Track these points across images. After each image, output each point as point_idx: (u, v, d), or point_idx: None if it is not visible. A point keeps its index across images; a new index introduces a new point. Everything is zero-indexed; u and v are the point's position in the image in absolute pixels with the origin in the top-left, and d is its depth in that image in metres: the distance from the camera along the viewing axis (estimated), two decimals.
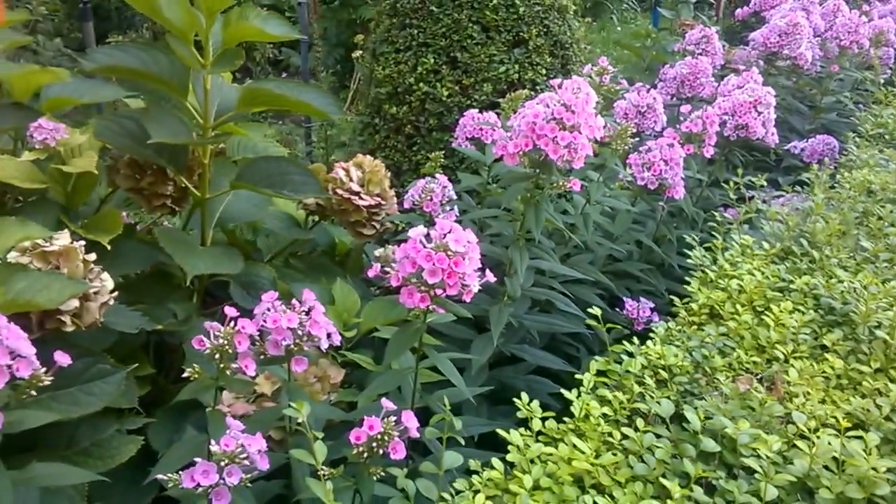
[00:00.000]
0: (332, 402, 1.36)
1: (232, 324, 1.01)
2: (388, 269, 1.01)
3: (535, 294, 1.43)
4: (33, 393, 0.80)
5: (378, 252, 1.79)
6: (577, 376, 0.97)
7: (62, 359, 0.82)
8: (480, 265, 0.98)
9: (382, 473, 1.01)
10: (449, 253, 0.94)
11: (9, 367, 0.76)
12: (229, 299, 1.63)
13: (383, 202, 1.64)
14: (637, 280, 1.82)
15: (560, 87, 1.21)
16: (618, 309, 1.69)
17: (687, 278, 1.87)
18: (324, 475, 0.91)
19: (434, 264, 0.94)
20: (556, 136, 1.18)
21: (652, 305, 1.63)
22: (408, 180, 2.05)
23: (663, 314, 1.71)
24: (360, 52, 3.10)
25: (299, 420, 0.84)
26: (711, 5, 4.46)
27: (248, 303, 1.45)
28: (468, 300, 0.99)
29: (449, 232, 0.95)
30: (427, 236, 0.99)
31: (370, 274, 1.04)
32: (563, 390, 0.96)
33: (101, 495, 1.22)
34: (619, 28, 5.30)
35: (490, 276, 1.02)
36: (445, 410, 1.14)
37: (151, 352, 1.52)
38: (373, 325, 1.45)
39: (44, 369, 0.80)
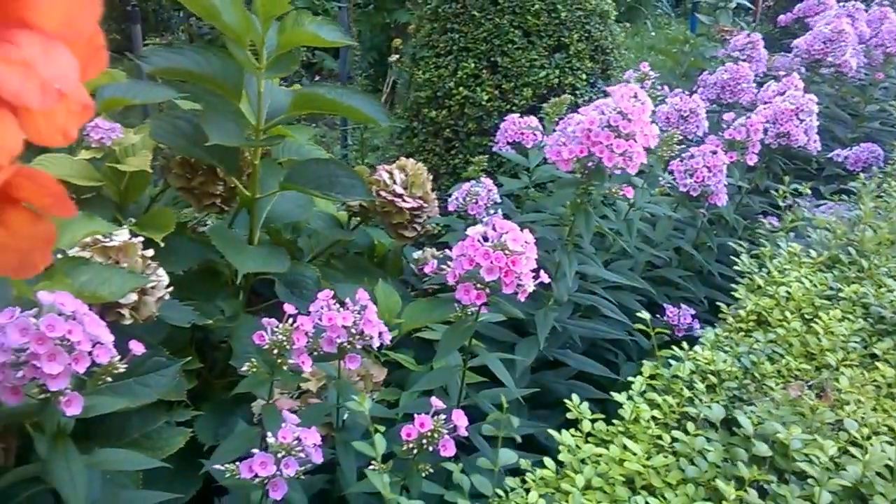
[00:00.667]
0: (375, 400, 1.38)
1: (290, 321, 1.04)
2: (444, 266, 1.03)
3: (579, 299, 1.44)
4: (108, 379, 0.83)
5: (417, 254, 1.81)
6: (628, 380, 0.98)
7: (136, 348, 0.85)
8: (536, 266, 1.00)
9: (431, 470, 1.03)
10: (507, 252, 0.96)
11: (89, 353, 0.79)
12: (273, 297, 1.66)
13: (425, 205, 1.66)
14: (676, 287, 1.82)
15: (616, 93, 1.22)
16: (658, 315, 1.69)
17: (726, 285, 1.88)
18: (377, 469, 0.93)
19: (492, 262, 0.96)
20: (611, 144, 1.19)
21: (692, 312, 1.63)
22: (445, 184, 2.07)
23: (702, 321, 1.71)
24: (397, 55, 3.13)
25: (363, 413, 0.86)
26: (748, 10, 4.44)
27: (293, 301, 1.48)
28: (523, 300, 1.01)
29: (507, 231, 0.96)
30: (484, 235, 1.00)
31: (427, 271, 1.07)
32: (613, 394, 0.97)
33: (151, 484, 1.25)
34: (653, 33, 5.30)
35: (544, 277, 1.03)
36: (494, 410, 1.16)
37: (193, 347, 1.55)
38: (414, 326, 1.47)
39: (118, 357, 0.83)
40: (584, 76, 2.04)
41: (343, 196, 1.44)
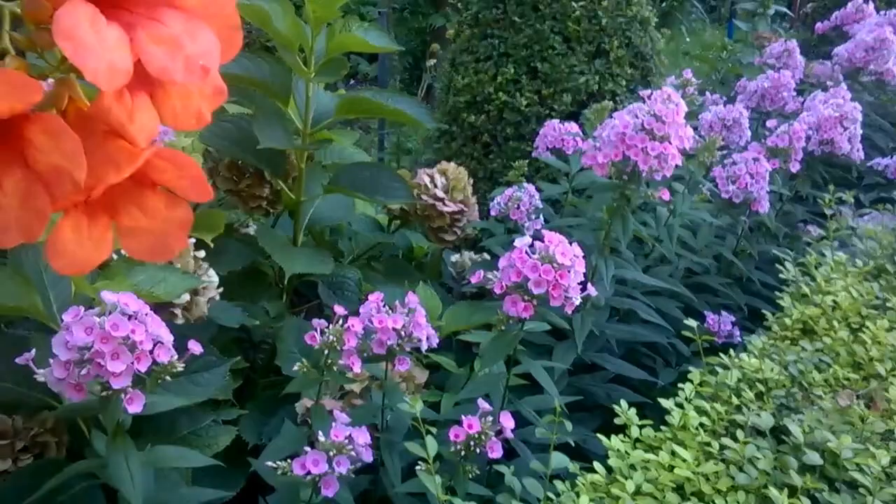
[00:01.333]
0: None
1: (340, 322, 1.05)
2: (491, 276, 1.04)
3: (616, 303, 1.45)
4: (168, 378, 0.85)
5: (455, 258, 1.83)
6: (678, 386, 0.99)
7: (195, 348, 0.87)
8: (583, 278, 1.00)
9: (477, 471, 1.04)
10: (555, 265, 0.97)
11: (150, 352, 0.81)
12: (314, 298, 1.69)
13: (465, 209, 1.68)
14: (715, 293, 1.82)
15: (650, 97, 1.23)
16: (697, 322, 1.68)
17: (766, 293, 1.88)
18: (425, 470, 0.94)
19: (540, 275, 0.97)
20: (645, 147, 1.19)
21: (733, 319, 1.63)
22: (483, 188, 2.08)
23: (742, 328, 1.71)
24: (434, 60, 3.14)
25: (416, 415, 0.87)
26: (784, 17, 4.41)
27: (335, 302, 1.50)
28: (570, 312, 1.01)
29: (556, 244, 0.97)
30: (531, 246, 1.01)
31: (472, 281, 1.08)
32: (661, 400, 0.98)
33: (197, 481, 1.27)
34: (688, 39, 5.27)
35: (591, 290, 1.04)
36: (536, 416, 1.17)
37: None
38: (454, 329, 1.49)
39: (176, 356, 0.85)
40: (623, 82, 2.04)
41: (386, 199, 1.46)
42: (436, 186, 1.64)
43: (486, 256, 1.76)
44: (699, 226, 1.75)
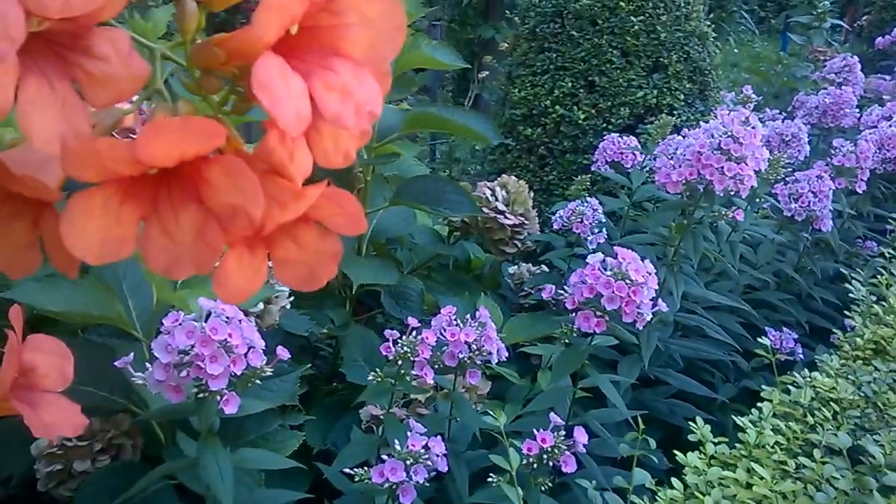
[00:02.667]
0: (480, 412, 1.41)
1: (413, 333, 1.08)
2: (563, 291, 1.06)
3: (682, 319, 1.45)
4: (258, 382, 0.88)
5: (512, 269, 1.85)
6: (758, 405, 0.99)
7: (283, 353, 0.90)
8: (655, 295, 1.01)
9: (550, 484, 1.06)
10: (628, 282, 0.98)
11: (245, 355, 0.84)
12: (376, 308, 1.71)
13: (526, 222, 1.69)
14: (774, 309, 1.81)
15: (726, 117, 1.24)
16: (757, 338, 1.68)
17: (825, 309, 1.86)
18: (497, 482, 0.96)
19: (613, 292, 0.98)
20: (722, 167, 1.20)
21: (795, 337, 1.62)
22: (538, 200, 2.09)
23: (803, 346, 1.70)
24: (486, 71, 3.17)
25: (499, 428, 0.89)
26: (836, 28, 4.36)
27: (397, 312, 1.53)
28: (640, 328, 1.02)
29: (629, 262, 0.98)
30: (603, 262, 1.03)
31: (544, 296, 1.09)
32: (737, 419, 0.98)
33: (265, 483, 1.31)
34: (736, 50, 5.23)
35: (662, 306, 1.05)
36: (603, 429, 1.18)
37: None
38: (515, 341, 1.50)
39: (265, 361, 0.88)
40: (681, 96, 2.04)
41: (451, 212, 1.49)
42: (497, 199, 1.66)
43: (544, 268, 1.77)
44: (759, 241, 1.75)
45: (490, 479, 1.04)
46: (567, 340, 1.25)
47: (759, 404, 0.99)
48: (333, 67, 0.36)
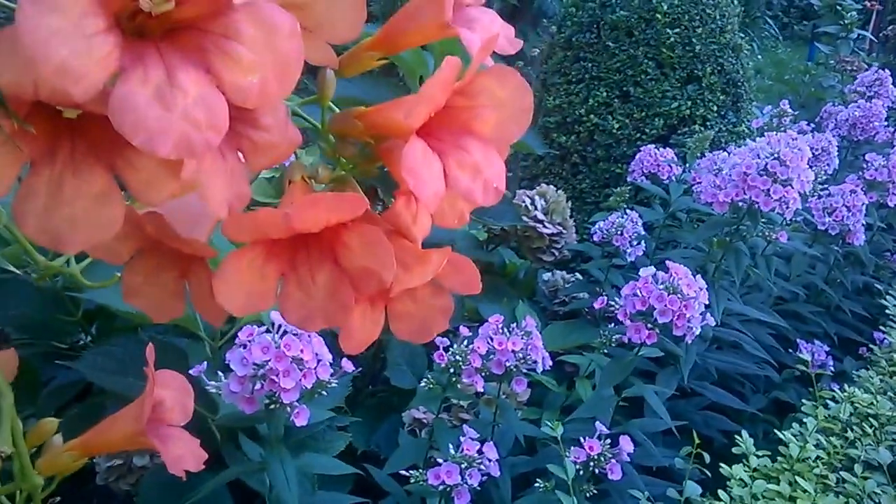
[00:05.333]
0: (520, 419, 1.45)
1: (465, 342, 1.12)
2: (614, 303, 1.10)
3: (720, 333, 1.49)
4: (324, 393, 0.92)
5: (547, 276, 1.88)
6: (798, 419, 1.03)
7: (348, 366, 0.94)
8: (704, 309, 1.05)
9: (595, 491, 1.09)
10: (680, 296, 1.02)
11: (314, 370, 0.88)
12: None
13: (564, 231, 1.73)
14: (804, 321, 1.84)
15: (774, 137, 1.26)
16: (789, 350, 1.71)
17: (854, 322, 1.89)
18: (541, 489, 1.00)
19: (666, 305, 1.02)
20: (768, 189, 1.23)
21: (827, 349, 1.65)
22: (570, 207, 2.13)
23: (834, 358, 1.73)
24: None
25: (546, 434, 0.93)
26: (860, 37, 4.36)
27: None
28: (690, 341, 1.06)
29: (680, 277, 1.02)
30: (654, 276, 1.06)
31: (596, 306, 1.13)
32: (780, 433, 1.02)
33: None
34: (759, 56, 5.24)
35: (710, 320, 1.09)
36: (646, 438, 1.21)
37: (344, 357, 1.65)
38: (552, 349, 1.54)
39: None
40: (714, 108, 2.07)
41: (494, 220, 1.53)
42: (535, 208, 1.70)
43: (579, 276, 1.81)
44: (791, 254, 1.78)
45: (537, 485, 1.08)
46: (606, 351, 1.29)
47: (795, 415, 1.02)
48: (466, 146, 0.39)
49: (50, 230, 0.34)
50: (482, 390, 1.12)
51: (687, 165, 1.73)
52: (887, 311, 1.33)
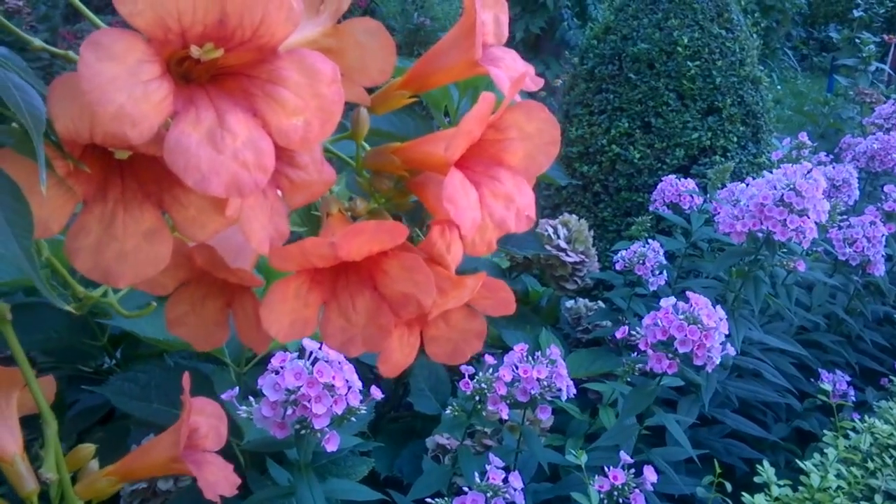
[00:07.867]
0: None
1: (490, 370, 1.14)
2: (635, 333, 1.12)
3: (740, 361, 1.50)
4: (353, 419, 0.95)
5: (569, 304, 1.91)
6: (820, 448, 1.04)
7: (376, 393, 0.97)
8: (724, 339, 1.07)
9: None
10: (700, 326, 1.04)
11: (345, 395, 0.91)
12: None
13: (587, 260, 1.75)
14: (825, 350, 1.85)
15: (790, 168, 1.29)
16: (810, 379, 1.72)
17: (874, 351, 1.89)
18: None
19: (686, 335, 1.04)
20: (784, 219, 1.25)
21: (848, 379, 1.66)
22: (592, 236, 2.15)
23: (855, 388, 1.73)
24: None
25: (572, 463, 0.95)
26: (881, 70, 4.37)
27: None
28: (710, 370, 1.08)
29: (701, 307, 1.04)
30: (675, 306, 1.09)
31: (618, 336, 1.15)
32: (801, 463, 1.03)
33: None
34: (779, 87, 5.26)
35: (731, 350, 1.10)
36: (667, 466, 1.23)
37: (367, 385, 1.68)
38: (576, 376, 1.56)
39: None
40: (735, 139, 2.10)
41: (518, 249, 1.55)
42: (558, 237, 1.73)
43: (601, 304, 1.83)
44: (812, 283, 1.79)
45: None
46: (629, 379, 1.31)
47: (817, 444, 1.03)
48: (498, 177, 0.42)
49: (101, 266, 0.36)
50: (506, 417, 1.14)
51: (708, 196, 1.75)
52: None
